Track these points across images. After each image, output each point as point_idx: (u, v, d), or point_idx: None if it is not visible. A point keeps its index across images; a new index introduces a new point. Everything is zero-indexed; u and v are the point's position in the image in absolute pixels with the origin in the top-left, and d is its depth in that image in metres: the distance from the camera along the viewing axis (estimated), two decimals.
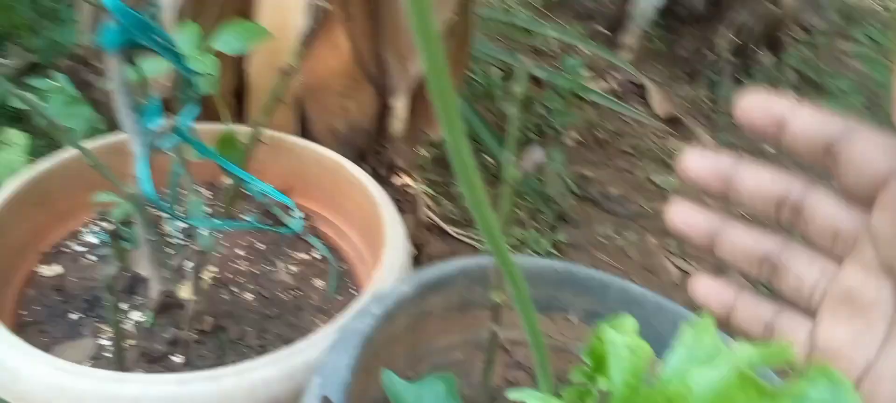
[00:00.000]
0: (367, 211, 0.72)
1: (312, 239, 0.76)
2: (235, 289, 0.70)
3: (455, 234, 1.33)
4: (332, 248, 0.77)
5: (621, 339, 0.35)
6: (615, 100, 1.84)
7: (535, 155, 0.46)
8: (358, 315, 0.49)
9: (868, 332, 0.29)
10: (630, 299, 0.58)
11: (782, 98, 0.29)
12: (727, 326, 0.34)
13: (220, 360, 0.63)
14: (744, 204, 0.32)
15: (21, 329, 0.61)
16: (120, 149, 0.59)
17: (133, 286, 0.67)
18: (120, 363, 0.58)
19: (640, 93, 2.06)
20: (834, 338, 0.30)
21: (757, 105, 0.30)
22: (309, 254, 0.76)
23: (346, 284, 0.74)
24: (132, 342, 0.62)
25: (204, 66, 0.64)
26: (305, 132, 0.91)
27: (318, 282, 0.73)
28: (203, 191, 0.79)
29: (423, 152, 1.27)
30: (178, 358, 0.62)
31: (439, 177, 1.42)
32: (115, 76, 0.51)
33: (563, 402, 0.34)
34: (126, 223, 0.68)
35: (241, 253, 0.73)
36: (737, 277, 0.43)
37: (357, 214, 0.75)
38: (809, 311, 0.32)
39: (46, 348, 0.61)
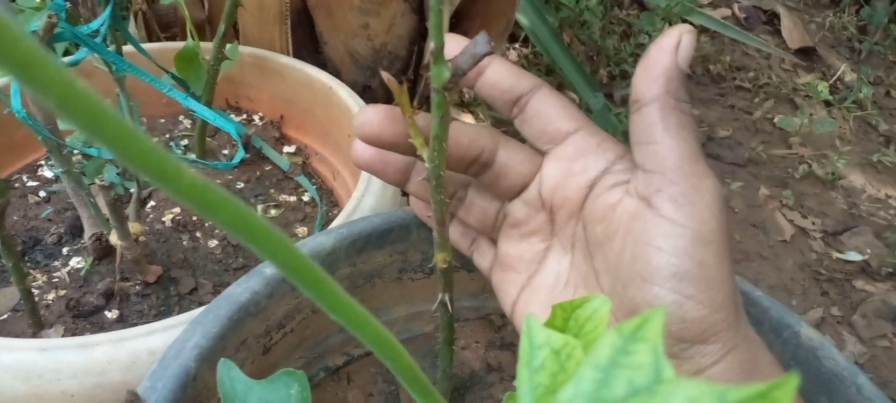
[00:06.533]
0: None
1: (301, 179, 0.65)
2: (199, 235, 0.59)
3: None
4: (325, 190, 0.65)
5: (546, 337, 0.22)
6: (735, 27, 1.58)
7: (478, 45, 0.30)
8: (246, 276, 0.36)
9: (531, 251, 0.36)
10: None
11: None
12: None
13: (161, 318, 0.53)
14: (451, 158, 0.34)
15: None
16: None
17: (80, 227, 0.58)
18: (33, 318, 0.50)
19: (769, 21, 1.78)
20: (508, 255, 0.36)
21: (454, 48, 0.31)
22: (297, 196, 0.64)
23: None
24: (61, 293, 0.54)
25: None
26: (318, 55, 0.79)
27: (301, 229, 0.61)
28: (184, 120, 0.69)
29: None
30: (112, 314, 0.53)
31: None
32: None
33: None
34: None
35: None
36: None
37: (349, 149, 0.62)
38: (494, 234, 0.38)
39: None
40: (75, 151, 0.60)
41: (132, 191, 0.51)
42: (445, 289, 0.37)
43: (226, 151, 0.66)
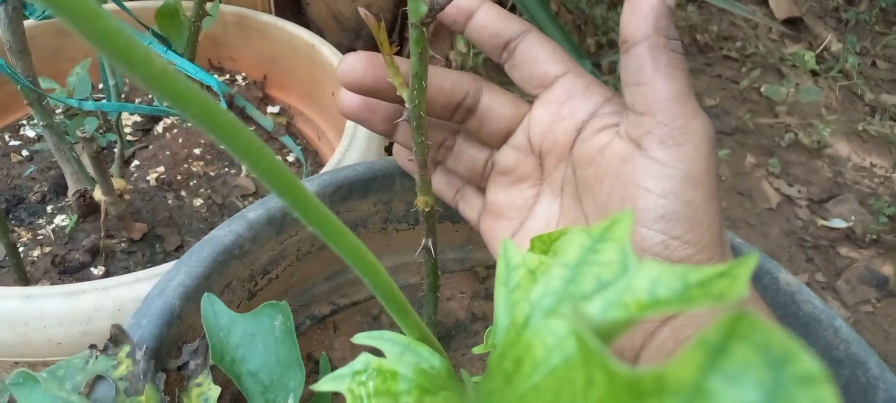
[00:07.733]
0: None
1: (286, 139, 0.65)
2: (184, 194, 0.59)
3: None
4: (310, 150, 0.65)
5: (522, 258, 0.22)
6: None
7: None
8: (229, 220, 0.36)
9: (521, 198, 0.36)
10: None
11: None
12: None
13: None
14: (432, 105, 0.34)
15: None
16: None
17: (64, 186, 0.58)
18: (18, 273, 0.50)
19: None
20: (497, 202, 0.37)
21: None
22: (282, 156, 0.64)
23: None
24: (47, 250, 0.54)
25: None
26: (301, 18, 0.79)
27: None
28: None
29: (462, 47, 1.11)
30: (98, 270, 0.53)
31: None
32: None
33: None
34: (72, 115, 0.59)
35: (198, 152, 0.63)
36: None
37: (333, 108, 0.62)
38: (482, 183, 0.38)
39: None
40: (58, 109, 0.60)
41: (115, 147, 0.51)
42: (428, 234, 0.37)
43: None
